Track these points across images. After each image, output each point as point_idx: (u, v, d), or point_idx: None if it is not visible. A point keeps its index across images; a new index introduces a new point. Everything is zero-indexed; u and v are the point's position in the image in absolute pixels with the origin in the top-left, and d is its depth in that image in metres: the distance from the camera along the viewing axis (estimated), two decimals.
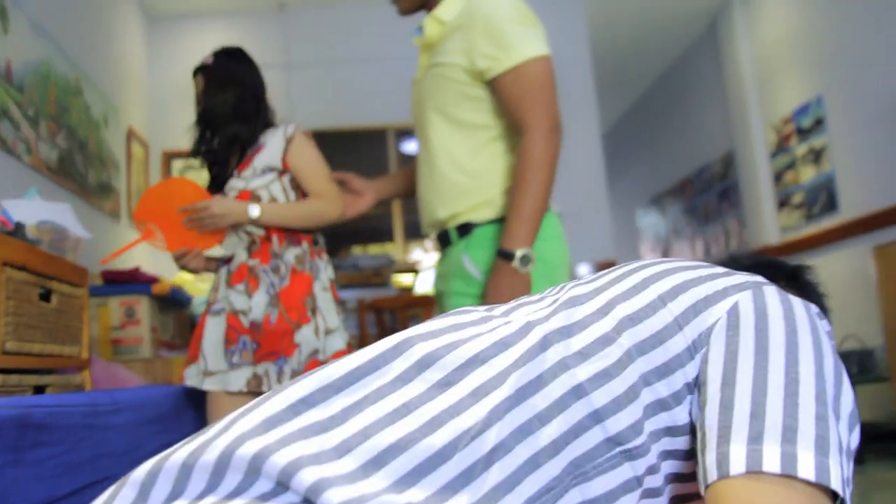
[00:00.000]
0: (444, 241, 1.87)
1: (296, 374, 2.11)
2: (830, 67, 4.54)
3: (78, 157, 3.30)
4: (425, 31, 1.87)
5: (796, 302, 0.77)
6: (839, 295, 4.40)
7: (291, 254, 2.20)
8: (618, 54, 6.25)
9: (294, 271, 2.20)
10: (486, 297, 1.67)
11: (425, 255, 4.86)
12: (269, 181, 2.20)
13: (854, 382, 3.67)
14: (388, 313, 3.57)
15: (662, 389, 0.74)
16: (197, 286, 3.92)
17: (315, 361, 2.17)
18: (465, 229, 1.80)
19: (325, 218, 2.20)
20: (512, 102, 1.72)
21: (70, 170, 3.21)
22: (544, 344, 0.75)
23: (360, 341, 3.54)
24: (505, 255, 1.65)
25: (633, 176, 7.85)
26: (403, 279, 4.67)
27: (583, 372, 0.73)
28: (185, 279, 3.99)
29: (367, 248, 5.55)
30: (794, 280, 1.02)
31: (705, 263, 0.88)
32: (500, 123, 1.79)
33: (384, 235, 5.18)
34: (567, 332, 0.76)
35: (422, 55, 1.93)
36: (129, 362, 2.80)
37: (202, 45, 4.74)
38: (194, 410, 2.32)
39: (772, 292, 0.78)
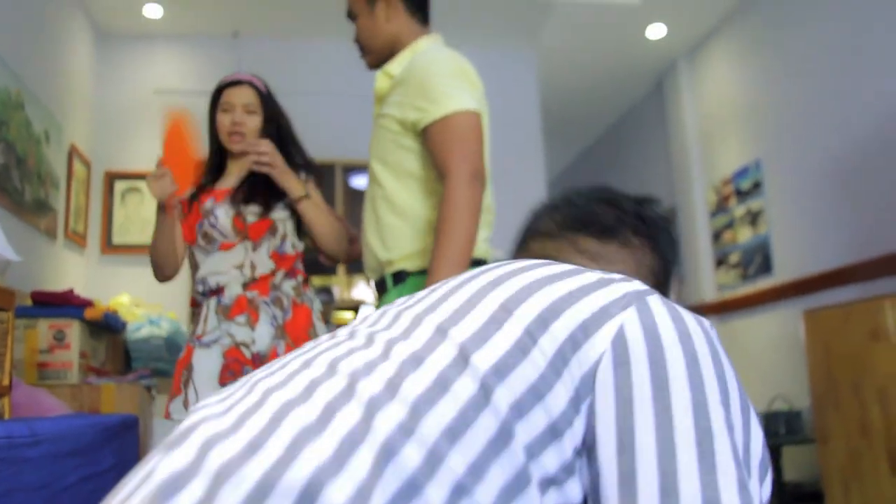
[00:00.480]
0: (380, 287, 1.94)
1: None
2: (769, 132, 4.70)
3: (15, 172, 3.21)
4: (376, 85, 1.99)
5: (686, 315, 0.64)
6: (769, 355, 4.50)
7: (289, 286, 2.22)
8: (567, 106, 6.36)
9: (294, 303, 2.21)
10: None
11: (369, 292, 4.83)
12: (284, 217, 2.24)
13: (781, 443, 3.76)
14: None
15: (551, 462, 0.56)
16: (132, 311, 3.83)
17: None
18: (399, 277, 1.87)
19: (343, 240, 2.29)
20: (437, 151, 1.79)
21: (5, 185, 3.12)
22: (369, 415, 0.53)
23: None
24: None
25: None
26: (345, 315, 4.63)
27: (457, 461, 0.52)
28: (121, 304, 3.89)
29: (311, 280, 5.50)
30: (642, 221, 0.91)
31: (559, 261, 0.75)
32: (432, 174, 1.86)
33: (327, 269, 5.14)
34: (397, 397, 0.54)
35: (375, 106, 2.03)
36: (55, 387, 2.71)
37: (153, 67, 4.70)
38: (121, 441, 2.25)
39: (657, 304, 0.63)
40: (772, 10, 4.64)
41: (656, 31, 5.21)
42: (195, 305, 2.30)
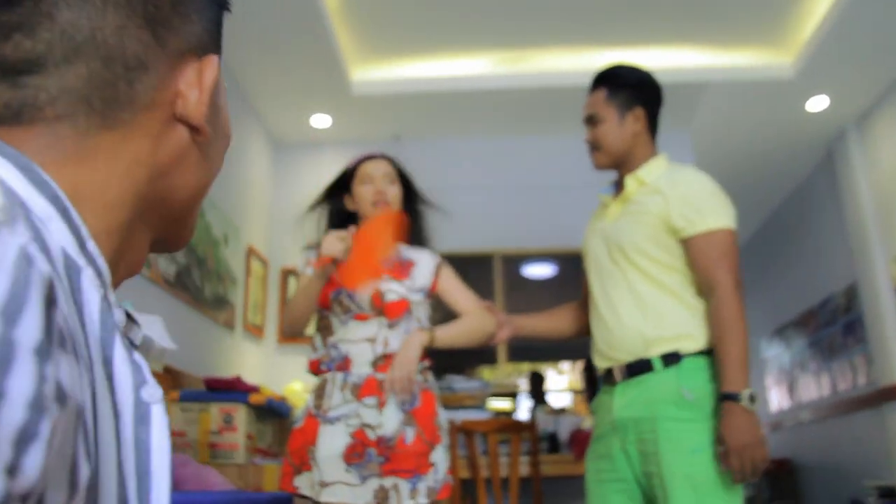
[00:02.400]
0: (635, 370, 2.03)
1: (432, 491, 2.13)
2: None
3: (195, 271, 3.59)
4: (627, 187, 2.18)
5: None
6: None
7: (417, 371, 2.22)
8: (728, 186, 6.20)
9: (423, 390, 2.23)
10: (725, 436, 1.82)
11: (522, 380, 4.85)
12: (419, 300, 2.33)
13: None
14: (478, 436, 3.57)
15: None
16: (303, 397, 4.09)
17: (448, 485, 2.19)
18: (672, 358, 1.98)
19: (486, 331, 2.35)
20: (701, 259, 2.00)
21: (186, 283, 3.49)
22: None
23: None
24: (731, 397, 1.85)
25: (755, 305, 7.62)
26: (499, 403, 4.67)
27: None
28: (293, 391, 4.17)
29: (468, 371, 5.59)
30: None
31: None
32: (688, 273, 2.05)
33: (487, 357, 5.23)
34: None
35: (614, 205, 2.22)
36: (223, 466, 2.93)
37: (322, 171, 5.08)
38: None
39: None
40: None
41: (818, 104, 5.03)
42: (317, 371, 2.30)
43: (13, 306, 0.36)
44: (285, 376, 4.40)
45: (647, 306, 2.04)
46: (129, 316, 0.57)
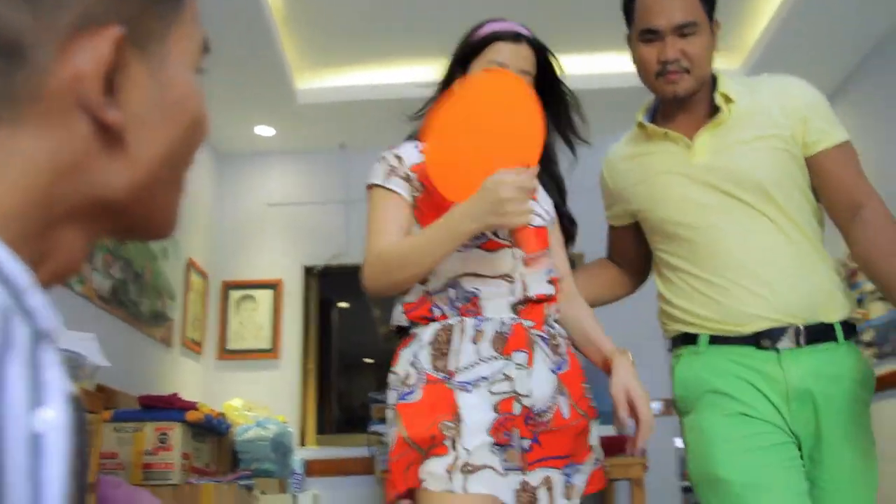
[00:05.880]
0: (816, 335, 1.66)
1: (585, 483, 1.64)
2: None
3: (132, 286, 3.49)
4: (721, 110, 1.72)
5: None
6: None
7: (558, 325, 1.70)
8: None
9: (568, 350, 1.69)
10: None
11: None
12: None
13: None
14: None
15: None
16: (243, 414, 4.00)
17: (601, 470, 1.68)
18: (850, 329, 1.70)
19: None
20: (843, 176, 1.69)
21: (122, 299, 3.39)
22: None
23: None
24: None
25: None
26: None
27: None
28: (232, 407, 4.07)
29: None
30: None
31: None
32: (818, 213, 1.75)
33: None
34: None
35: (701, 135, 1.73)
36: (158, 487, 2.84)
37: (267, 182, 5.02)
38: None
39: None
40: None
41: None
42: (419, 317, 1.63)
43: None
44: (225, 393, 4.30)
45: (804, 258, 1.68)
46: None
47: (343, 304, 5.52)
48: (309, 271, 4.85)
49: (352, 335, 5.62)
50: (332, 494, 4.20)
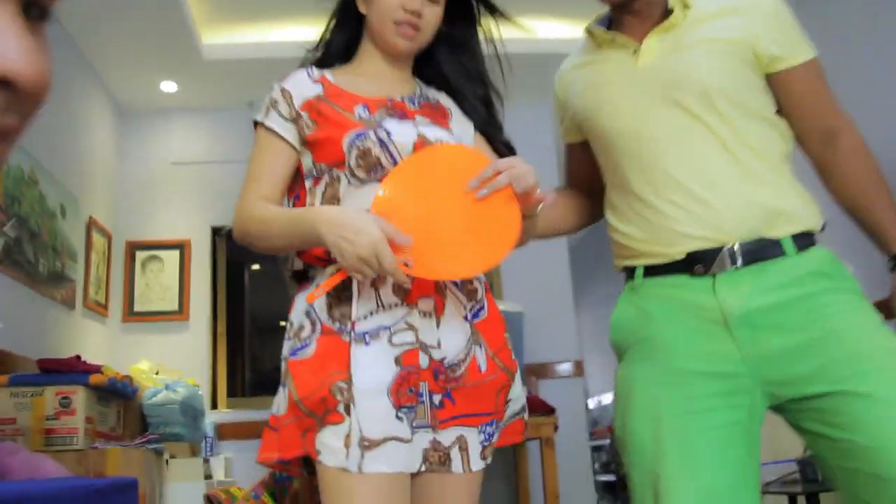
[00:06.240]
0: (756, 253, 1.47)
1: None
2: None
3: (28, 246, 3.33)
4: (675, 12, 1.56)
5: None
6: None
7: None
8: None
9: (488, 294, 1.53)
10: None
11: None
12: None
13: None
14: None
15: None
16: (151, 378, 3.89)
17: (520, 422, 1.54)
18: (805, 240, 1.49)
19: None
20: (811, 99, 1.55)
21: (18, 258, 3.23)
22: None
23: None
24: None
25: (599, 282, 7.84)
26: None
27: None
28: (139, 370, 3.96)
29: None
30: None
31: None
32: (778, 125, 1.58)
33: None
34: None
35: (649, 40, 1.59)
36: (60, 453, 2.74)
37: (171, 140, 4.85)
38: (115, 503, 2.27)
39: None
40: None
41: None
42: (315, 262, 1.47)
43: None
44: (131, 356, 4.18)
45: (750, 174, 1.50)
46: None
47: (256, 267, 5.42)
48: (217, 231, 4.74)
49: (266, 298, 5.54)
50: (244, 457, 4.15)
